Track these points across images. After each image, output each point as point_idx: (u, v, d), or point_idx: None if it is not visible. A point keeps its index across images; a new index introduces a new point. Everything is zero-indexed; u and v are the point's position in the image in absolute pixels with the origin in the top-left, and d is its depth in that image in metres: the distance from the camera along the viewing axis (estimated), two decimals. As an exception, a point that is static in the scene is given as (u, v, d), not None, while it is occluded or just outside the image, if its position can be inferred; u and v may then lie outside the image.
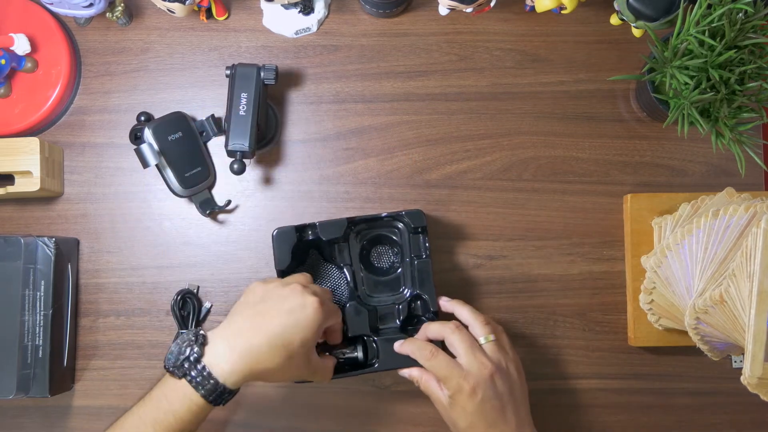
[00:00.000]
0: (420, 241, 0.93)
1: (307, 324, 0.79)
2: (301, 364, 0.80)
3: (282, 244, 0.90)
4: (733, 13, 0.84)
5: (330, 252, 0.94)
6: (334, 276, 0.95)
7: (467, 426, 0.83)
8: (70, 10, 0.96)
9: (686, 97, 0.86)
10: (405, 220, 0.92)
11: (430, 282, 0.91)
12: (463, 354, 0.83)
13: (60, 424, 0.97)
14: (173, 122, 0.95)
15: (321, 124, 1.01)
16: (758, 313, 0.76)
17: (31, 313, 0.90)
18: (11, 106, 0.98)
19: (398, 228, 0.94)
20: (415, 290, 0.92)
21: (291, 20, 1.00)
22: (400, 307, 0.93)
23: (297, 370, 0.80)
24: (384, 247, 0.96)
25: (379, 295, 0.94)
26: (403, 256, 0.94)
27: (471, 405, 0.82)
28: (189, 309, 0.97)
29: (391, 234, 0.95)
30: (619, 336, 0.98)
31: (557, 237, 0.99)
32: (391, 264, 0.96)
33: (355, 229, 0.94)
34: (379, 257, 0.96)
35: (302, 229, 0.92)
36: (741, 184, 0.97)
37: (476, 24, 1.02)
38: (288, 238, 0.90)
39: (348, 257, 0.94)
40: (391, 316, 0.93)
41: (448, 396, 0.83)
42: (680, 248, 0.89)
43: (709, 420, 0.98)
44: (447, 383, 0.83)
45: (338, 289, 0.94)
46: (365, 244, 0.95)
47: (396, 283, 0.95)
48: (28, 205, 0.99)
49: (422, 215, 0.91)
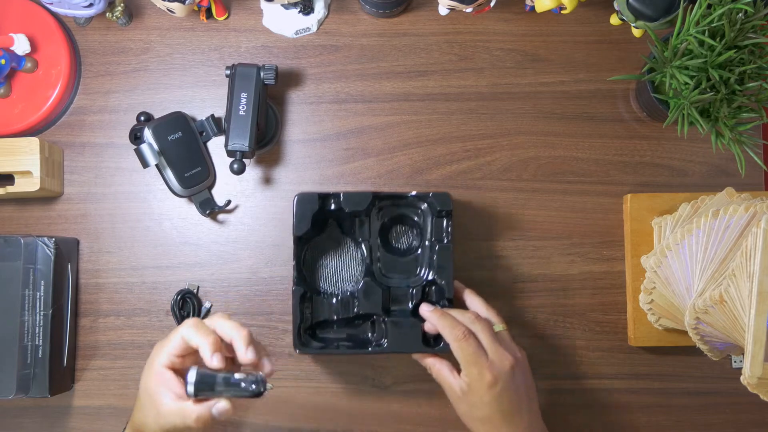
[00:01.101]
0: (443, 225, 0.91)
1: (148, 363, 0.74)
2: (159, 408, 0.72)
3: (303, 210, 0.89)
4: (733, 13, 0.84)
5: (350, 225, 0.93)
6: (350, 250, 0.94)
7: (482, 416, 0.82)
8: (70, 10, 0.96)
9: (686, 97, 0.86)
10: (431, 202, 0.91)
11: (449, 268, 0.90)
12: (487, 344, 0.83)
13: (60, 424, 0.97)
14: (173, 122, 0.95)
15: (321, 124, 1.01)
16: (758, 313, 0.76)
17: (31, 313, 0.90)
18: (11, 106, 0.98)
19: (421, 209, 0.93)
20: (432, 275, 0.91)
21: (291, 20, 1.00)
22: (413, 291, 0.91)
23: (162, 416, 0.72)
24: (404, 227, 0.95)
25: (394, 275, 0.93)
26: (422, 238, 0.93)
27: (489, 395, 0.81)
28: (189, 309, 0.97)
29: (414, 215, 0.93)
30: (619, 336, 0.98)
31: (557, 237, 0.99)
32: (409, 245, 0.94)
33: (378, 205, 0.92)
34: (398, 237, 0.95)
35: (325, 197, 0.90)
36: (741, 184, 0.97)
37: (476, 24, 1.02)
38: (310, 205, 0.89)
39: (367, 233, 0.92)
40: (403, 299, 0.92)
41: (466, 383, 0.82)
42: (680, 248, 0.89)
43: (709, 420, 0.98)
44: (468, 370, 0.82)
45: (353, 264, 0.93)
46: (386, 222, 0.93)
47: (413, 265, 0.93)
48: (28, 205, 0.99)
49: (449, 198, 0.90)
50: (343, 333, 0.92)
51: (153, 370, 0.72)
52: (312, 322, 0.91)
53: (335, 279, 0.94)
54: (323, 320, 0.92)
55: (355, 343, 0.91)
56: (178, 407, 0.70)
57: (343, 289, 0.94)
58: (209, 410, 0.70)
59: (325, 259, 0.94)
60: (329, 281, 0.94)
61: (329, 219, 0.93)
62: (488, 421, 0.82)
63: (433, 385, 0.97)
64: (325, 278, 0.94)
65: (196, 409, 0.70)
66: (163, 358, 0.72)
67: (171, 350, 0.72)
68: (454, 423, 0.97)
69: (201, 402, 0.70)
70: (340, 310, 0.92)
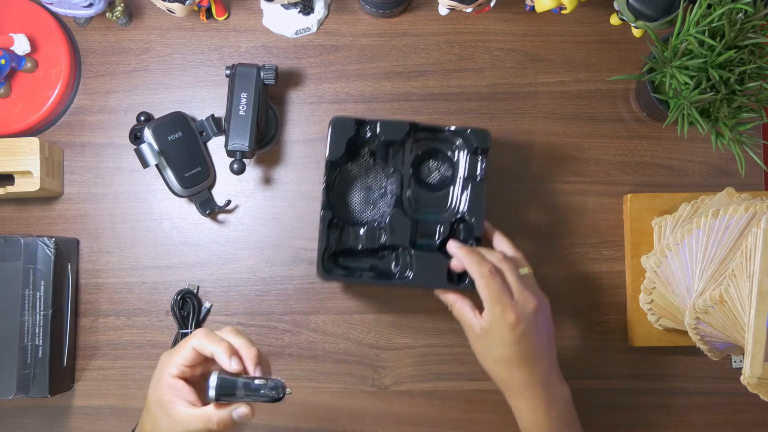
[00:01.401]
0: (477, 163, 0.90)
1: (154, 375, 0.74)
2: (165, 418, 0.72)
3: (338, 134, 0.88)
4: (733, 13, 0.84)
5: (384, 155, 0.92)
6: (381, 181, 0.93)
7: (500, 357, 0.82)
8: (70, 10, 0.96)
9: (686, 97, 0.86)
10: (468, 138, 0.90)
11: (480, 206, 0.89)
12: (513, 284, 0.82)
13: (60, 424, 0.97)
14: (173, 122, 0.95)
15: (321, 124, 1.01)
16: (758, 313, 0.76)
17: (31, 313, 0.90)
18: (11, 106, 0.98)
19: (456, 145, 0.92)
20: (462, 212, 0.90)
21: (291, 20, 1.00)
22: (442, 227, 0.91)
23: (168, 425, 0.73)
24: (437, 163, 0.93)
25: (423, 209, 0.92)
26: (455, 175, 0.92)
27: (510, 336, 0.80)
28: (189, 309, 0.97)
29: (448, 150, 0.92)
30: (619, 336, 0.98)
31: (557, 237, 0.99)
32: (442, 181, 0.93)
33: (414, 137, 0.91)
34: (430, 172, 0.94)
35: (361, 123, 0.90)
36: (741, 184, 0.97)
37: (476, 24, 1.02)
38: (346, 129, 0.89)
39: (400, 164, 0.91)
40: (431, 234, 0.91)
41: (487, 322, 0.81)
42: (680, 248, 0.89)
43: (709, 420, 0.98)
44: (492, 308, 0.81)
45: (383, 195, 0.93)
46: (420, 155, 0.92)
47: (443, 201, 0.92)
48: (28, 205, 0.99)
49: (488, 136, 0.89)
50: (367, 264, 0.91)
51: (164, 381, 0.72)
52: (337, 249, 0.91)
53: (364, 208, 0.93)
54: (348, 248, 0.91)
55: (379, 274, 0.91)
56: (197, 413, 0.71)
57: (370, 219, 0.93)
58: (230, 414, 0.71)
59: (355, 188, 0.93)
60: (357, 210, 0.93)
61: (362, 148, 0.92)
62: (506, 363, 0.82)
63: (433, 385, 0.97)
64: (354, 207, 0.93)
65: (218, 413, 0.71)
66: (173, 368, 0.72)
67: (181, 360, 0.72)
68: (454, 423, 0.97)
69: (222, 406, 0.71)
70: (366, 240, 0.91)
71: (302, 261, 0.99)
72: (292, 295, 0.98)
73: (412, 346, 0.98)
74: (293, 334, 0.98)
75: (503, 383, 0.84)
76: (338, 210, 0.92)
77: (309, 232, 0.99)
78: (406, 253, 0.90)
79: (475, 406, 0.97)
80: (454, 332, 0.98)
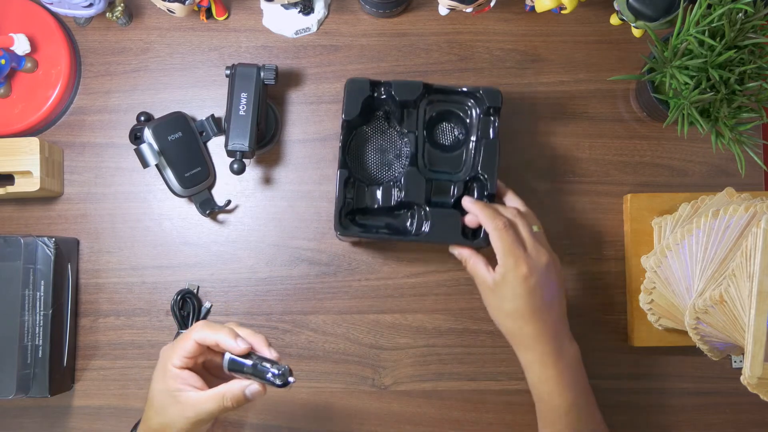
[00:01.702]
0: (490, 123, 0.92)
1: (157, 367, 0.75)
2: (174, 406, 0.73)
3: (353, 94, 0.90)
4: (733, 13, 0.84)
5: (398, 116, 0.93)
6: (395, 142, 0.95)
7: (511, 310, 0.83)
8: (70, 10, 0.96)
9: (686, 97, 0.86)
10: (480, 97, 0.91)
11: (493, 163, 0.90)
12: (526, 237, 0.84)
13: (60, 424, 0.97)
14: (173, 122, 0.95)
15: (321, 124, 1.01)
16: (758, 313, 0.76)
17: (31, 313, 0.90)
18: (11, 106, 0.98)
19: (469, 106, 0.94)
20: (476, 170, 0.92)
21: (291, 20, 1.00)
22: (456, 186, 0.92)
23: (177, 413, 0.73)
24: (451, 125, 0.95)
25: (437, 169, 0.93)
26: (468, 135, 0.94)
27: (522, 288, 0.82)
28: (189, 309, 0.97)
29: (461, 112, 0.94)
30: (619, 336, 0.98)
31: (557, 237, 0.99)
32: (455, 141, 0.95)
33: (427, 98, 0.93)
34: (444, 133, 0.95)
35: (375, 84, 0.91)
36: (741, 184, 0.97)
37: (476, 24, 1.02)
38: (361, 90, 0.90)
39: (414, 124, 0.93)
40: (445, 192, 0.92)
41: (500, 274, 0.83)
42: (680, 248, 0.89)
43: (709, 420, 0.98)
44: (505, 260, 0.83)
45: (398, 155, 0.94)
46: (434, 116, 0.94)
47: (457, 161, 0.94)
48: (28, 205, 0.99)
49: (499, 95, 0.91)
50: (383, 222, 0.93)
51: (168, 373, 0.73)
52: (353, 207, 0.92)
53: (379, 170, 0.95)
54: (364, 207, 0.93)
55: (394, 231, 0.93)
56: (209, 393, 0.72)
57: (386, 178, 0.94)
58: (243, 391, 0.72)
59: (370, 151, 0.95)
60: (373, 171, 0.95)
61: (377, 111, 0.94)
62: (518, 316, 0.83)
63: (433, 385, 0.97)
64: (370, 169, 0.95)
65: (231, 390, 0.72)
66: (176, 360, 0.73)
67: (183, 353, 0.73)
68: (454, 423, 0.97)
69: (234, 384, 0.72)
70: (382, 198, 0.92)
71: (302, 261, 0.99)
72: (292, 295, 0.98)
73: (412, 346, 0.98)
74: (293, 334, 0.98)
75: (514, 336, 0.85)
76: (354, 170, 0.94)
77: (309, 232, 0.99)
78: (421, 210, 0.91)
79: (475, 406, 0.97)
80: (454, 332, 0.98)
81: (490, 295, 0.85)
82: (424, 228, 0.90)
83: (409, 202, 0.91)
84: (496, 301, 0.85)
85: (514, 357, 0.87)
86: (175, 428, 0.73)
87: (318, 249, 0.99)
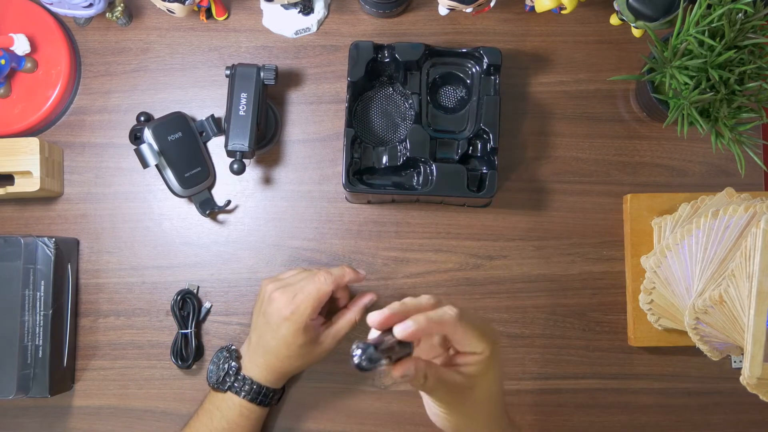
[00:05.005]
0: (491, 81, 0.95)
1: (289, 327, 0.85)
2: (314, 349, 0.87)
3: (358, 57, 0.93)
4: (733, 13, 0.84)
5: (402, 78, 0.96)
6: (400, 105, 0.97)
7: (497, 391, 0.70)
8: (70, 10, 0.96)
9: (686, 97, 0.86)
10: (480, 56, 0.94)
11: (495, 118, 0.93)
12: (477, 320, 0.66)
13: (60, 424, 0.97)
14: (173, 122, 0.95)
15: (321, 124, 1.01)
16: (758, 313, 0.76)
17: (31, 313, 0.90)
18: (11, 106, 0.98)
19: (469, 66, 0.97)
20: (479, 126, 0.94)
21: (291, 20, 1.00)
22: (459, 144, 0.95)
23: (316, 353, 0.88)
24: (453, 88, 0.98)
25: (441, 129, 0.96)
26: (470, 96, 0.97)
27: (498, 367, 0.69)
28: (189, 309, 0.97)
29: (462, 73, 0.97)
30: (619, 336, 0.98)
31: (557, 237, 0.99)
32: (458, 103, 0.98)
33: (430, 60, 0.96)
34: (446, 95, 0.98)
35: (379, 48, 0.94)
36: (741, 184, 0.97)
37: (476, 24, 1.02)
38: (365, 53, 0.93)
39: (418, 86, 0.95)
40: (450, 149, 0.96)
41: (482, 360, 0.66)
42: (680, 248, 0.89)
43: (709, 420, 0.98)
44: (483, 340, 0.65)
45: (403, 117, 0.97)
46: (437, 78, 0.97)
47: (460, 121, 0.97)
48: (28, 205, 0.99)
49: (499, 54, 0.94)
50: (389, 181, 0.96)
51: (303, 324, 0.84)
52: (360, 167, 0.95)
53: (385, 129, 0.97)
54: (371, 167, 0.95)
55: (402, 188, 0.95)
56: (339, 327, 0.89)
57: (391, 139, 0.97)
58: (365, 302, 0.91)
59: (376, 114, 0.98)
60: (379, 131, 0.97)
61: (381, 77, 0.97)
62: (497, 398, 0.70)
63: (433, 385, 0.97)
64: (375, 130, 0.97)
65: (336, 327, 0.89)
66: (313, 313, 0.85)
67: (318, 305, 0.85)
68: (454, 423, 0.97)
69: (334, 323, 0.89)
70: (388, 158, 0.95)
71: (302, 261, 0.99)
72: (292, 295, 0.98)
73: (412, 346, 0.98)
74: (293, 334, 0.98)
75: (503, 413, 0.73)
76: (360, 132, 0.96)
77: (309, 232, 0.99)
78: (426, 167, 0.93)
79: (475, 406, 0.97)
80: (454, 332, 0.98)
81: (469, 395, 0.67)
82: (430, 183, 0.92)
83: (415, 158, 0.93)
84: (480, 394, 0.68)
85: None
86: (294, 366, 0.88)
87: (318, 249, 0.99)
